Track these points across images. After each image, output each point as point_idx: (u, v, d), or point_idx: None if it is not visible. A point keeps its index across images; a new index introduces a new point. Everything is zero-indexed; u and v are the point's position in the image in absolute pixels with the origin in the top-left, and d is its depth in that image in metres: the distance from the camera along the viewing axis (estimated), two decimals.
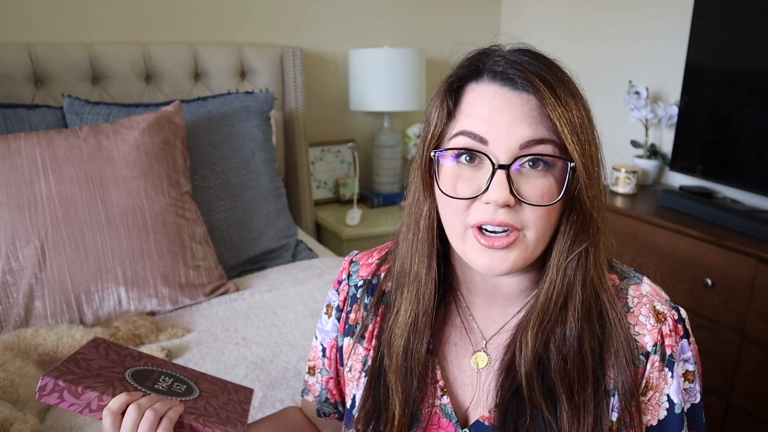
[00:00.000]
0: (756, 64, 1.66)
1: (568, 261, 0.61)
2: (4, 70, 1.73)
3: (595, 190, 0.60)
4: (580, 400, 0.60)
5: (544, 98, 0.57)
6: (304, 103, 2.19)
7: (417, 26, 2.53)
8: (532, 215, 0.58)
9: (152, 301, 1.43)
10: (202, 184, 1.69)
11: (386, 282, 0.74)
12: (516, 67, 0.58)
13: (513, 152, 0.57)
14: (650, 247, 1.74)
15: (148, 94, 1.95)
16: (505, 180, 0.57)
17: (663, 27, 2.03)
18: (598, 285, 0.63)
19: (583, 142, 0.58)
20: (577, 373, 0.61)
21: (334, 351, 0.78)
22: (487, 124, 0.58)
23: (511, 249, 0.59)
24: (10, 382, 1.04)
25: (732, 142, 1.77)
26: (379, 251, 0.78)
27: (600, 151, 0.62)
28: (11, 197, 1.36)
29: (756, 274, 1.46)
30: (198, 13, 2.10)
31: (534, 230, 0.59)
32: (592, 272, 0.62)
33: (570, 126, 0.57)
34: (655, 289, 0.67)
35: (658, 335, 0.63)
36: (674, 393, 0.63)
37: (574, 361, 0.61)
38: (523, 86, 0.58)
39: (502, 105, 0.58)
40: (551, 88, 0.57)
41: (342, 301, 0.77)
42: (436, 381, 0.69)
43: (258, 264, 1.74)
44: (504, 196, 0.57)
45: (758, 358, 1.49)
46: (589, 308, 0.62)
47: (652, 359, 0.63)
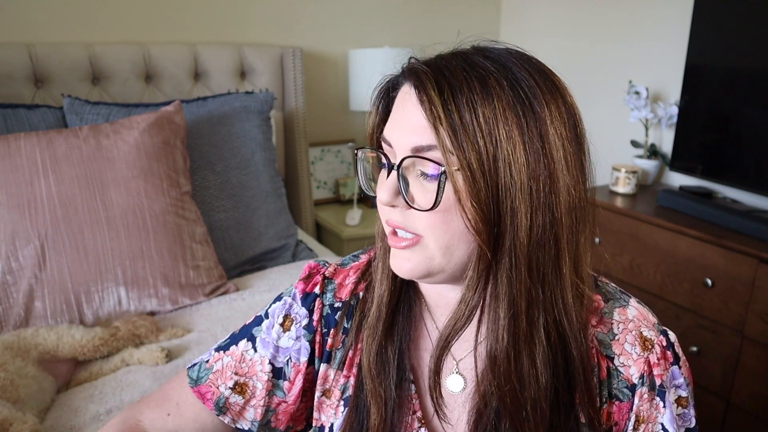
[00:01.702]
0: (756, 64, 1.66)
1: (477, 282, 0.56)
2: (4, 70, 1.73)
3: (497, 198, 0.53)
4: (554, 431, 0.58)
5: (424, 105, 0.53)
6: (304, 103, 2.19)
7: (417, 26, 2.53)
8: (425, 221, 0.55)
9: (152, 301, 1.43)
10: (202, 184, 1.69)
11: (365, 301, 0.69)
12: (427, 64, 0.56)
13: (406, 154, 0.56)
14: (650, 247, 1.74)
15: (148, 94, 1.95)
16: (395, 180, 0.55)
17: (663, 27, 2.03)
18: (552, 309, 0.57)
19: (473, 144, 0.51)
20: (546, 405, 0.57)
21: (301, 376, 0.69)
22: (395, 127, 0.57)
23: (412, 251, 0.57)
24: (10, 381, 1.04)
25: (732, 142, 1.77)
26: (356, 269, 0.72)
27: (542, 163, 0.53)
28: (11, 197, 1.36)
29: (756, 274, 1.46)
30: (198, 13, 2.10)
31: (432, 238, 0.55)
32: (548, 298, 0.56)
33: (450, 128, 0.51)
34: (642, 313, 0.63)
35: (645, 365, 0.60)
36: (668, 422, 0.61)
37: (539, 398, 0.57)
38: (422, 87, 0.54)
39: (406, 108, 0.56)
40: (440, 87, 0.52)
41: (316, 321, 0.69)
42: (414, 411, 0.66)
43: (258, 264, 1.74)
44: (385, 195, 0.55)
45: (758, 358, 1.49)
46: (549, 340, 0.57)
47: (640, 392, 0.60)
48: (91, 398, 1.12)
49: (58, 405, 1.12)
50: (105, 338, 1.25)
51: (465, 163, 0.51)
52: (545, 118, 0.53)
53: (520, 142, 0.52)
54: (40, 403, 1.09)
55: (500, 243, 0.54)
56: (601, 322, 0.62)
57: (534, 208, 0.53)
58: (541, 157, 0.52)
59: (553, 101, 0.54)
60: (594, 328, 0.62)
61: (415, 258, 0.57)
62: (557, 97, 0.55)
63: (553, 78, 0.56)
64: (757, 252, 1.45)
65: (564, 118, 0.54)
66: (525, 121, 0.52)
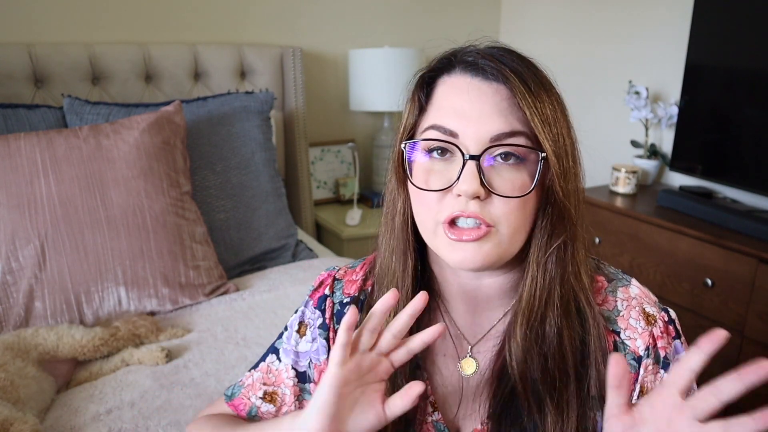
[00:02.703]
0: (756, 64, 1.66)
1: (548, 256, 0.60)
2: (4, 70, 1.73)
3: (571, 184, 0.59)
4: (562, 398, 0.60)
5: (514, 87, 0.56)
6: (304, 103, 2.19)
7: (417, 26, 2.53)
8: (504, 209, 0.57)
9: (152, 301, 1.43)
10: (202, 184, 1.69)
11: (373, 296, 0.71)
12: (487, 58, 0.58)
13: (483, 144, 0.57)
14: (650, 247, 1.74)
15: (148, 94, 1.95)
16: (476, 171, 0.56)
17: (663, 27, 2.03)
18: (575, 282, 0.62)
19: (555, 134, 0.57)
20: (559, 371, 0.60)
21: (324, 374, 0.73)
22: (457, 116, 0.58)
23: (482, 242, 0.57)
24: (10, 382, 1.04)
25: (732, 142, 1.77)
26: (362, 267, 0.75)
27: (576, 149, 0.61)
28: (11, 197, 1.36)
29: (756, 274, 1.46)
30: (198, 13, 2.10)
31: (506, 225, 0.57)
32: (570, 268, 0.61)
33: (541, 117, 0.56)
34: (643, 291, 0.66)
35: (650, 338, 0.62)
36: None
37: (554, 358, 0.60)
38: (493, 76, 0.57)
39: (473, 96, 0.57)
40: (522, 78, 0.57)
41: (329, 319, 0.72)
42: (427, 396, 0.67)
43: (258, 264, 1.74)
44: (474, 186, 0.56)
45: (758, 358, 1.49)
46: (567, 304, 0.61)
47: (645, 363, 0.62)
48: (91, 398, 1.12)
49: (58, 405, 1.12)
50: (105, 338, 1.25)
51: (553, 148, 0.57)
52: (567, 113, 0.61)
53: (567, 131, 0.60)
54: (40, 403, 1.09)
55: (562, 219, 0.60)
56: (606, 300, 0.65)
57: (578, 191, 0.61)
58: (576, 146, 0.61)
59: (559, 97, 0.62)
60: (600, 306, 0.64)
61: (485, 248, 0.58)
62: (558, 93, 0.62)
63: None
64: (757, 252, 1.45)
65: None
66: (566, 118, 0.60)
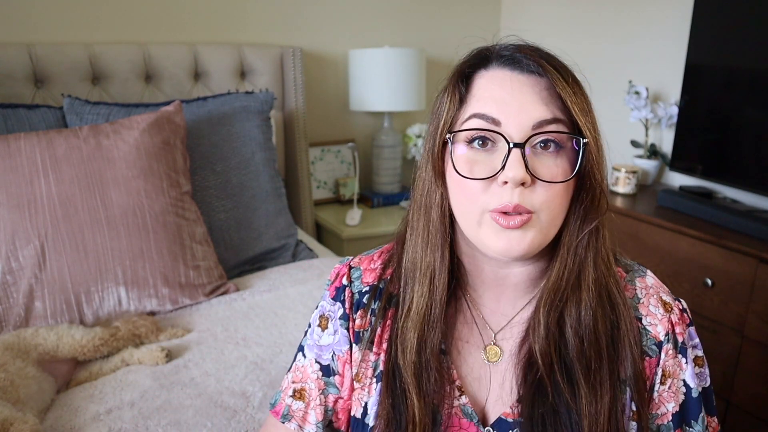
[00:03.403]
0: (756, 64, 1.66)
1: (579, 240, 0.63)
2: (4, 70, 1.73)
3: (603, 171, 0.62)
4: (596, 379, 0.62)
5: (554, 78, 0.59)
6: (304, 103, 2.19)
7: (417, 26, 2.53)
8: (545, 195, 0.59)
9: (152, 301, 1.43)
10: (202, 184, 1.69)
11: (392, 285, 0.72)
12: (524, 51, 0.61)
13: (526, 132, 0.59)
14: (650, 247, 1.74)
15: (148, 94, 1.95)
16: (521, 158, 0.58)
17: (663, 27, 2.03)
18: (605, 268, 0.65)
19: (592, 123, 0.61)
20: (594, 353, 0.62)
21: (348, 365, 0.72)
22: (499, 105, 0.59)
23: (526, 229, 0.59)
24: (10, 382, 1.04)
25: (732, 142, 1.77)
26: (380, 254, 0.76)
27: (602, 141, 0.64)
28: (11, 197, 1.36)
29: (756, 274, 1.46)
30: (198, 13, 2.10)
31: (547, 211, 0.60)
32: (602, 252, 0.64)
33: (580, 106, 0.59)
34: (657, 282, 0.70)
35: (669, 324, 0.66)
36: (689, 378, 0.67)
37: (590, 340, 0.62)
38: (532, 68, 0.60)
39: (513, 87, 0.60)
40: (558, 70, 0.60)
41: (348, 309, 0.73)
42: (453, 381, 0.68)
43: (258, 264, 1.74)
44: (521, 173, 0.57)
45: (758, 358, 1.49)
46: (599, 289, 0.64)
47: (666, 348, 0.66)
48: (91, 398, 1.12)
49: (58, 405, 1.12)
50: (105, 338, 1.25)
51: (593, 135, 0.60)
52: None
53: (594, 122, 0.62)
54: (40, 403, 1.09)
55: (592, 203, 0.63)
56: (626, 288, 0.68)
57: (605, 174, 0.63)
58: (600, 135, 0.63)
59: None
60: None
61: (529, 234, 0.60)
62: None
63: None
64: (757, 252, 1.45)
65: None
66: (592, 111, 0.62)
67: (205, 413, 1.07)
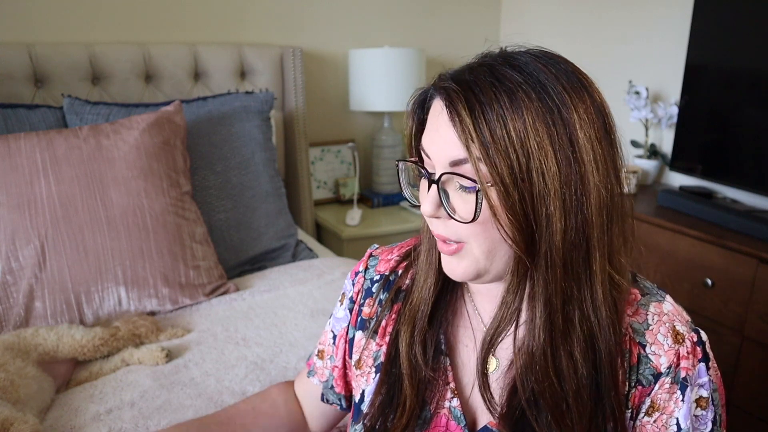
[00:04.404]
0: (756, 64, 1.66)
1: (521, 284, 0.60)
2: (4, 70, 1.73)
3: (549, 208, 0.54)
4: (572, 420, 0.59)
5: (452, 118, 0.54)
6: (304, 103, 2.19)
7: (417, 26, 2.53)
8: (467, 230, 0.57)
9: (152, 301, 1.43)
10: (202, 184, 1.68)
11: (403, 279, 0.74)
12: (446, 83, 0.56)
13: (445, 168, 0.57)
14: (650, 247, 1.74)
15: (148, 94, 1.95)
16: (436, 193, 0.58)
17: (663, 27, 2.03)
18: (591, 313, 0.59)
19: (502, 164, 0.52)
20: (567, 402, 0.59)
21: (343, 341, 0.79)
22: (431, 138, 0.58)
23: (460, 258, 0.60)
24: (10, 382, 1.04)
25: (732, 142, 1.77)
26: (400, 248, 0.78)
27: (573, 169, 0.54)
28: (11, 197, 1.36)
29: (756, 274, 1.46)
30: (198, 13, 2.10)
31: (476, 244, 0.58)
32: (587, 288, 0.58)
33: (481, 145, 0.53)
34: (677, 309, 0.65)
35: (675, 357, 0.61)
36: (683, 417, 0.61)
37: (563, 389, 0.59)
38: (449, 105, 0.55)
39: (440, 122, 0.57)
40: (470, 106, 0.53)
41: (356, 293, 0.78)
42: (448, 382, 0.68)
43: (258, 264, 1.74)
44: (428, 208, 0.58)
45: (758, 358, 1.49)
46: (579, 338, 0.59)
47: (662, 380, 0.61)
48: (91, 398, 1.12)
49: (58, 405, 1.12)
50: (105, 338, 1.25)
51: (498, 178, 0.53)
52: (574, 123, 0.54)
53: (551, 150, 0.53)
54: (40, 403, 1.09)
55: (537, 248, 0.56)
56: (637, 312, 0.64)
57: (567, 211, 0.54)
58: (572, 162, 0.54)
59: (582, 103, 0.55)
60: (630, 317, 0.63)
61: (463, 263, 0.60)
62: (585, 98, 0.56)
63: (580, 76, 0.58)
64: (757, 252, 1.45)
65: (593, 117, 0.55)
66: (555, 130, 0.53)
67: (205, 413, 1.07)
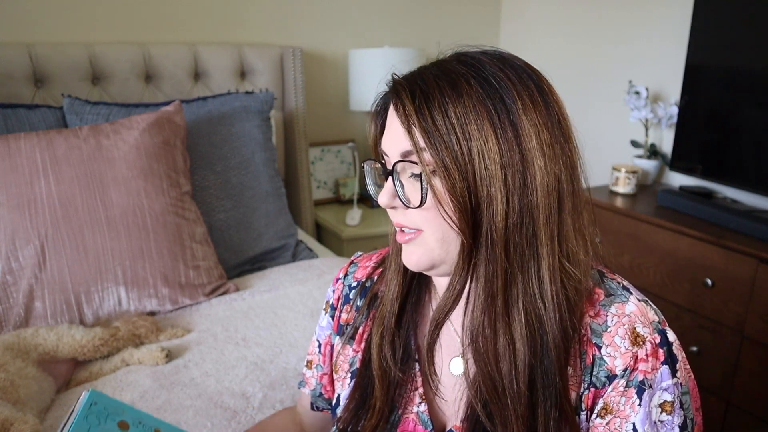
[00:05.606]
0: (756, 64, 1.66)
1: (465, 265, 0.60)
2: (4, 70, 1.73)
3: (465, 197, 0.56)
4: (510, 422, 0.60)
5: (396, 107, 0.59)
6: (304, 103, 2.19)
7: (417, 26, 2.53)
8: (421, 217, 0.60)
9: (152, 301, 1.43)
10: (202, 184, 1.69)
11: (379, 285, 0.76)
12: (395, 79, 0.62)
13: (397, 159, 0.61)
14: (650, 247, 1.74)
15: (148, 94, 1.95)
16: (390, 184, 0.61)
17: (663, 27, 2.03)
18: (533, 292, 0.59)
19: (442, 147, 0.56)
20: (510, 395, 0.60)
21: (328, 348, 0.81)
22: (386, 138, 0.62)
23: (415, 245, 0.62)
24: (10, 382, 1.04)
25: (732, 142, 1.77)
26: (379, 254, 0.80)
27: (516, 151, 0.56)
28: (11, 197, 1.36)
29: (756, 274, 1.46)
30: (198, 13, 2.10)
31: (430, 231, 0.60)
32: (514, 274, 0.59)
33: (424, 132, 0.56)
34: (641, 310, 0.62)
35: (632, 359, 0.59)
36: (640, 422, 0.58)
37: (510, 369, 0.60)
38: (394, 96, 0.60)
39: (392, 119, 0.61)
40: (413, 95, 0.58)
41: (336, 300, 0.80)
42: (417, 388, 0.70)
43: (258, 264, 1.74)
44: (383, 199, 0.62)
45: (758, 358, 1.49)
46: (520, 325, 0.59)
47: (616, 383, 0.60)
48: None
49: (58, 405, 1.12)
50: (105, 338, 1.25)
51: (440, 163, 0.56)
52: (517, 108, 0.56)
53: (492, 133, 0.55)
54: (40, 403, 1.09)
55: (479, 229, 0.58)
56: (598, 314, 0.63)
57: (509, 193, 0.56)
58: (514, 144, 0.56)
59: (526, 91, 0.57)
60: (591, 318, 0.63)
61: (418, 251, 0.62)
62: (531, 87, 0.58)
63: (530, 70, 0.60)
64: (757, 252, 1.45)
65: (540, 106, 0.57)
66: (496, 113, 0.56)
67: (205, 413, 1.07)
